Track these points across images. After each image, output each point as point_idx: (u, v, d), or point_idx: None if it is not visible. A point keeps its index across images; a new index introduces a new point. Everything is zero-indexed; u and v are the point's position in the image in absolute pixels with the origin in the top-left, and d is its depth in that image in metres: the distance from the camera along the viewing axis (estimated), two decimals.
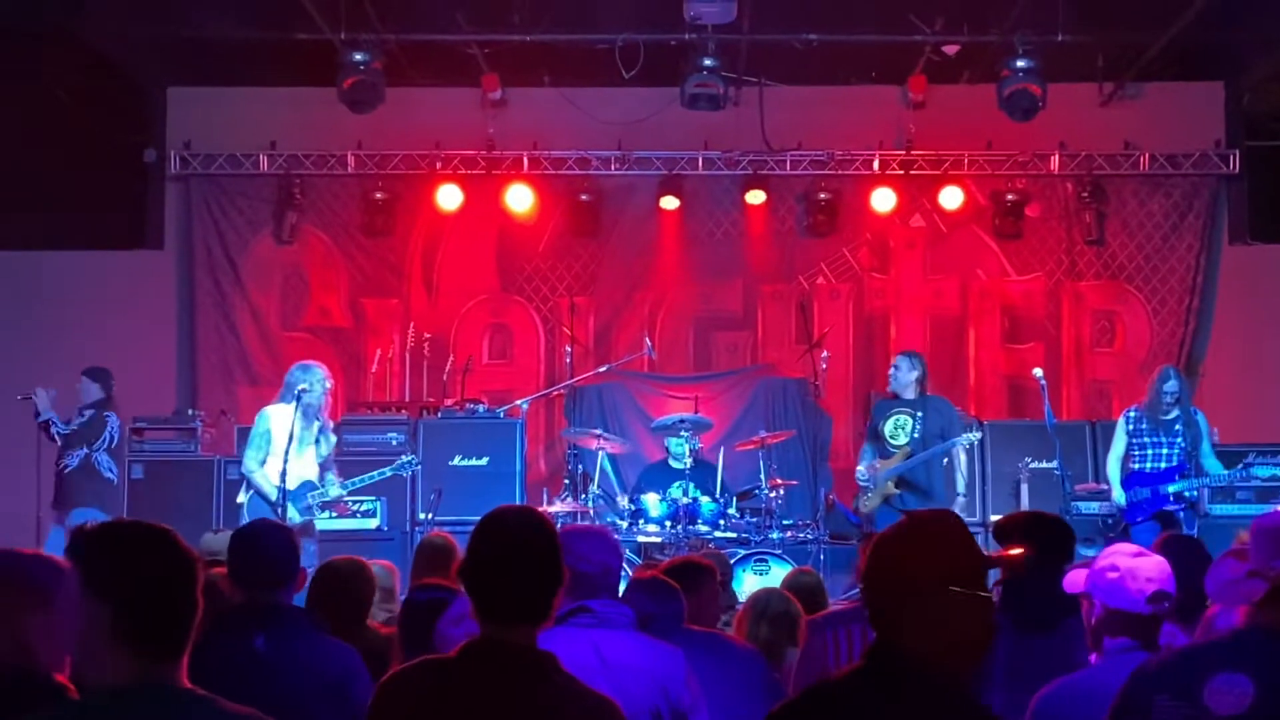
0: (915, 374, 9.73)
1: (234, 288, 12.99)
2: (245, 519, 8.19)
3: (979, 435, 10.00)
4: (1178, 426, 9.07)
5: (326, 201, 13.09)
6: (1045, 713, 3.49)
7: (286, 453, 8.16)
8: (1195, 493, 9.19)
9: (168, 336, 12.95)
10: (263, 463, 8.40)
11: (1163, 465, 9.04)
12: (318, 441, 8.55)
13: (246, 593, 4.07)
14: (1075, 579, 3.78)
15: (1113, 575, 3.73)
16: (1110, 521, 9.62)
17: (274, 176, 12.92)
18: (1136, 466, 9.15)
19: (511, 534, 2.82)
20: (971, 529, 2.85)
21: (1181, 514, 8.99)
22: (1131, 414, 9.32)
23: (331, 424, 8.83)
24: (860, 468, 9.80)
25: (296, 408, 8.37)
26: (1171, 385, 9.09)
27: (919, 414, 9.57)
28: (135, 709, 2.38)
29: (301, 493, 8.40)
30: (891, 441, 9.59)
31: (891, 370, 9.94)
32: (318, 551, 8.36)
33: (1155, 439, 9.10)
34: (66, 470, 9.91)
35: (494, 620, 2.76)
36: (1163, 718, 2.96)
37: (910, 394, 9.69)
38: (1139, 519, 9.03)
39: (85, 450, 9.89)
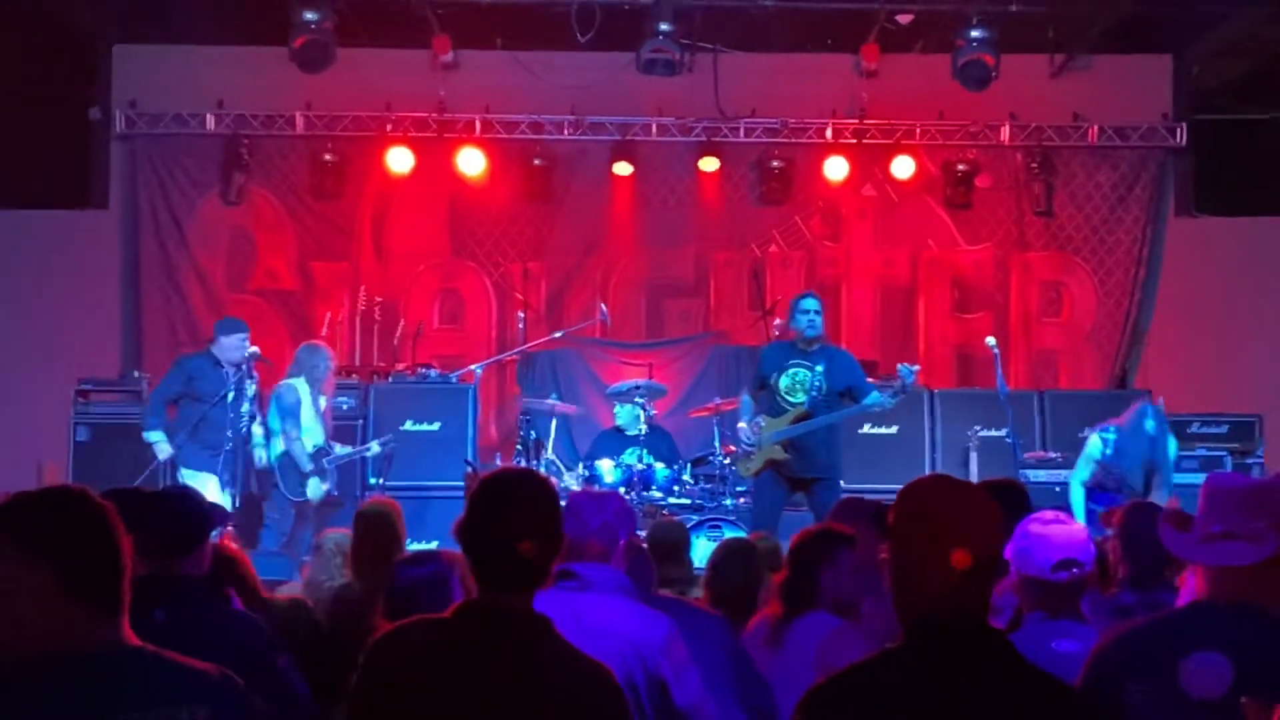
0: (822, 320, 8.55)
1: (179, 249, 12.78)
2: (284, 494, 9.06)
3: (896, 401, 8.52)
4: None
5: (275, 163, 12.88)
6: None
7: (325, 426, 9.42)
8: None
9: (112, 297, 12.73)
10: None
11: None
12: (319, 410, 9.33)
13: (149, 564, 3.62)
14: None
15: (1023, 542, 3.70)
16: (1059, 490, 9.66)
17: (221, 137, 12.69)
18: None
19: (511, 498, 2.79)
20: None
21: None
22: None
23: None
24: (743, 424, 8.66)
25: (307, 385, 9.17)
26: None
27: (819, 368, 8.45)
28: (99, 667, 2.37)
29: (320, 457, 9.23)
30: (787, 398, 8.47)
31: (802, 314, 8.49)
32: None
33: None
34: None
35: (490, 584, 2.75)
36: (1135, 708, 2.69)
37: (814, 344, 8.54)
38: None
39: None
